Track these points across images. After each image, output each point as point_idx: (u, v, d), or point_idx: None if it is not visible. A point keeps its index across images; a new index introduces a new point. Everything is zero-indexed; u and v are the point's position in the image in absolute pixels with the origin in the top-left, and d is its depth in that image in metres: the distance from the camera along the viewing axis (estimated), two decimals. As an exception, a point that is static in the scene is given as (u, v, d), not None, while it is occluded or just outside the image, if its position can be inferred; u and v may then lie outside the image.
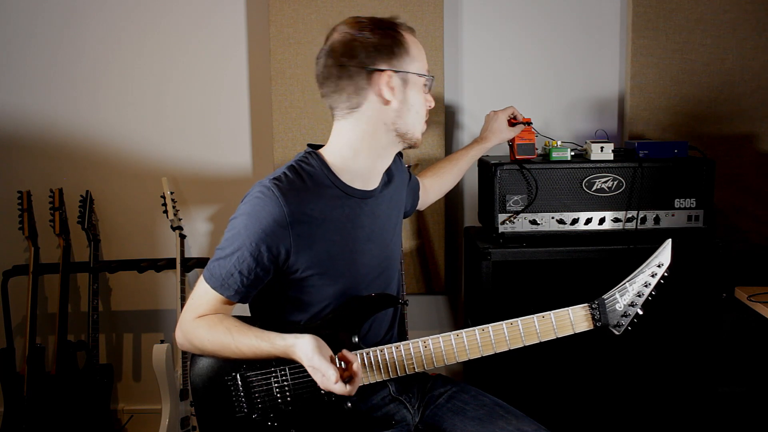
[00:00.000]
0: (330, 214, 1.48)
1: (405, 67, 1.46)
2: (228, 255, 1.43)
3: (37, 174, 2.70)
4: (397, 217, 1.69)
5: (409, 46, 1.47)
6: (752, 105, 2.54)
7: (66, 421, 2.53)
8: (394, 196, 1.66)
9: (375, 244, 1.56)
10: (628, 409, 2.25)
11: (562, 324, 1.48)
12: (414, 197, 1.91)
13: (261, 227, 1.41)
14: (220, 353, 1.45)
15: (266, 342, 1.41)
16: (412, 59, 1.47)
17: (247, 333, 1.43)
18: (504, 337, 1.47)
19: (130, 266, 2.61)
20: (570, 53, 2.62)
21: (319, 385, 1.37)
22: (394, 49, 1.44)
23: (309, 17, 2.53)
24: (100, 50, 2.65)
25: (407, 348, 1.47)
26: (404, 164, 1.79)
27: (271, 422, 1.46)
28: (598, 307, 1.47)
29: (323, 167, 1.50)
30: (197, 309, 1.48)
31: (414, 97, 1.48)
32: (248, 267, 1.42)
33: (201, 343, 1.45)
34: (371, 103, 1.46)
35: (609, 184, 2.20)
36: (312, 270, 1.47)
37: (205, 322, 1.45)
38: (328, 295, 1.50)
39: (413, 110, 1.49)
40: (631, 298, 1.47)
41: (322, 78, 1.47)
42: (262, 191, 1.43)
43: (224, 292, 1.44)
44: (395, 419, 1.56)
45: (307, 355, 1.36)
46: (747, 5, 2.50)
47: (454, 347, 1.47)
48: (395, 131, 1.49)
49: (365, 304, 1.52)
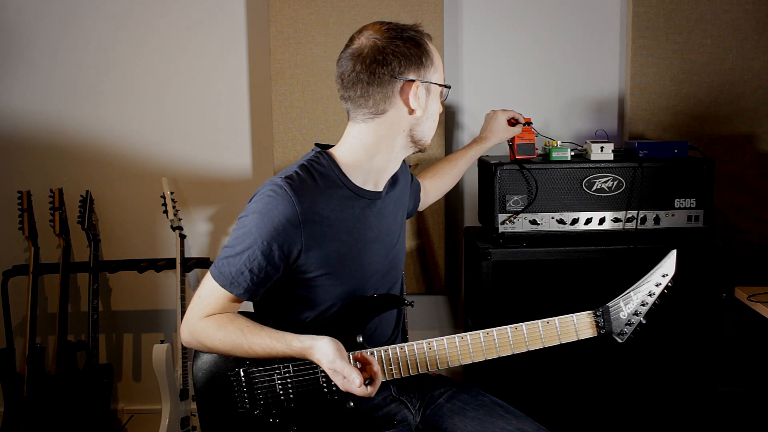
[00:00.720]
0: (340, 215, 1.48)
1: (430, 78, 1.48)
2: (238, 253, 1.42)
3: (37, 174, 2.70)
4: (402, 218, 1.70)
5: (434, 57, 1.50)
6: (752, 105, 2.54)
7: (66, 421, 2.54)
8: (400, 197, 1.67)
9: (382, 245, 1.57)
10: (628, 409, 2.25)
11: (566, 330, 1.49)
12: (415, 199, 1.91)
13: (273, 225, 1.40)
14: (231, 352, 1.44)
15: (281, 343, 1.41)
16: (436, 69, 1.50)
17: (260, 333, 1.43)
18: (508, 342, 1.47)
19: (130, 266, 2.61)
20: (570, 53, 2.62)
21: (340, 388, 1.38)
22: (423, 60, 1.46)
23: (309, 17, 2.53)
24: (101, 50, 2.65)
25: (411, 349, 1.48)
26: (407, 165, 1.79)
27: (273, 419, 1.46)
28: (602, 314, 1.47)
29: (334, 167, 1.50)
30: (205, 308, 1.47)
31: (433, 105, 1.52)
32: (259, 265, 1.42)
33: (212, 343, 1.44)
34: (397, 110, 1.47)
35: (609, 184, 2.20)
36: (321, 270, 1.47)
37: (215, 321, 1.45)
38: (335, 295, 1.51)
39: (431, 118, 1.52)
40: (635, 307, 1.48)
41: (348, 82, 1.46)
42: (275, 189, 1.43)
43: (233, 290, 1.44)
44: (396, 419, 1.56)
45: (328, 358, 1.36)
46: (747, 5, 2.51)
47: (458, 350, 1.47)
48: (411, 137, 1.51)
49: (370, 305, 1.52)
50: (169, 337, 2.76)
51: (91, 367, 2.57)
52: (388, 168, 1.55)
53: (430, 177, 2.06)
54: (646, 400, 2.25)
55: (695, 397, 2.25)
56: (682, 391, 2.25)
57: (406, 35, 1.45)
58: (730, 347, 2.53)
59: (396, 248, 1.63)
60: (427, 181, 2.03)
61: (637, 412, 2.25)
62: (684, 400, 2.25)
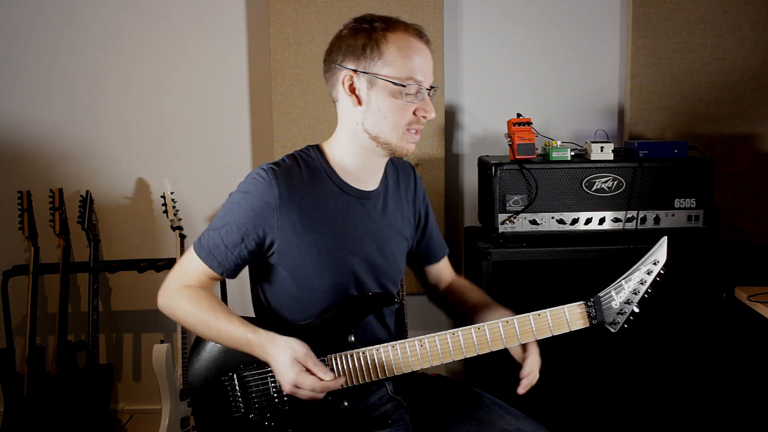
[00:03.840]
0: (323, 206, 1.49)
1: (373, 70, 1.43)
2: (217, 228, 1.47)
3: (37, 174, 2.70)
4: (401, 228, 1.63)
5: (386, 50, 1.43)
6: (752, 105, 2.54)
7: (66, 421, 2.53)
8: (398, 207, 1.63)
9: (368, 246, 1.55)
10: (628, 409, 2.25)
11: (558, 322, 1.48)
12: (427, 244, 1.75)
13: (251, 206, 1.45)
14: (197, 328, 1.47)
15: (241, 331, 1.44)
16: (385, 63, 1.43)
17: (230, 318, 1.45)
18: (500, 335, 1.46)
19: (130, 266, 2.61)
20: (570, 53, 2.62)
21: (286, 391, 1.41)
22: (366, 51, 1.44)
23: (309, 17, 2.53)
24: (100, 50, 2.65)
25: (403, 347, 1.47)
26: (419, 186, 1.71)
27: (269, 422, 1.46)
28: (593, 304, 1.46)
29: (322, 160, 1.53)
30: (184, 277, 1.51)
31: (380, 101, 1.44)
32: (234, 241, 1.46)
33: (183, 314, 1.48)
34: (343, 100, 1.49)
35: (609, 184, 2.20)
36: (299, 259, 1.48)
37: (191, 294, 1.48)
38: (315, 288, 1.51)
39: (380, 115, 1.45)
40: (627, 296, 1.47)
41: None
42: (260, 173, 1.47)
43: (209, 262, 1.48)
44: (392, 419, 1.55)
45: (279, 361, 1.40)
46: (747, 5, 2.51)
47: (450, 346, 1.46)
48: (368, 134, 1.47)
49: (360, 304, 1.52)
50: (169, 337, 2.76)
51: (91, 367, 2.57)
52: (366, 165, 1.53)
53: (453, 287, 1.81)
54: (647, 400, 2.25)
55: (695, 397, 2.25)
56: (682, 391, 2.25)
57: (363, 26, 1.46)
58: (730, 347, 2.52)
59: (386, 253, 1.58)
60: (444, 283, 1.81)
61: (638, 412, 2.25)
62: (684, 400, 2.25)
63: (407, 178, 1.68)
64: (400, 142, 1.47)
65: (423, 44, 1.47)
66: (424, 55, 1.46)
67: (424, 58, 1.46)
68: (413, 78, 1.44)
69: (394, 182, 1.63)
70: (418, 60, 1.45)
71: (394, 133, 1.46)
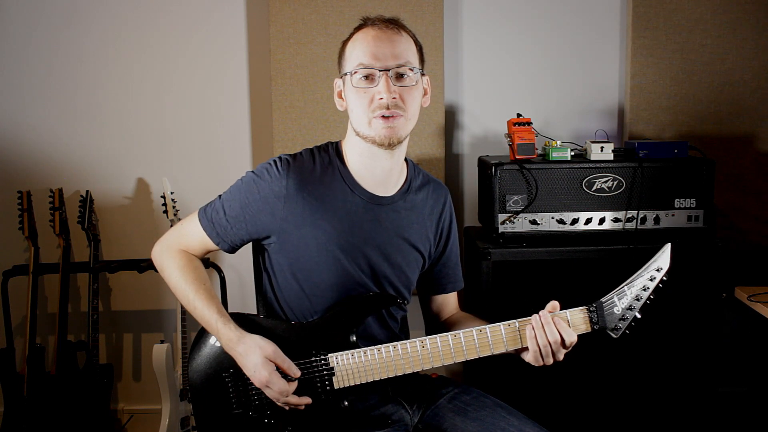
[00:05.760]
0: (329, 204, 1.52)
1: (342, 71, 1.53)
2: (224, 200, 1.56)
3: (37, 174, 2.70)
4: (417, 243, 1.62)
5: (347, 49, 1.52)
6: (752, 105, 2.54)
7: (66, 421, 2.53)
8: (419, 222, 1.62)
9: (371, 250, 1.55)
10: (628, 410, 2.25)
11: None
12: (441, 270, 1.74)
13: (258, 190, 1.52)
14: (176, 294, 1.54)
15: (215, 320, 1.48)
16: (346, 60, 1.52)
17: (209, 302, 1.49)
18: (501, 338, 1.46)
19: (130, 266, 2.61)
20: (570, 53, 2.62)
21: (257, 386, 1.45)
22: (340, 56, 1.55)
23: (309, 17, 2.53)
24: (100, 49, 2.65)
25: (404, 347, 1.47)
26: (447, 209, 1.69)
27: (268, 419, 1.46)
28: (596, 310, 1.46)
29: (338, 159, 1.57)
30: (182, 238, 1.59)
31: (349, 97, 1.52)
32: (236, 216, 1.53)
33: (169, 276, 1.55)
34: (341, 105, 1.57)
35: (609, 184, 2.20)
36: (298, 251, 1.52)
37: (183, 262, 1.55)
38: (316, 284, 1.53)
39: (352, 111, 1.52)
40: (629, 302, 1.47)
41: None
42: (276, 161, 1.54)
43: (209, 231, 1.54)
44: (392, 419, 1.56)
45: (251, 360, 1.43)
46: (747, 5, 2.50)
47: (452, 347, 1.46)
48: (355, 132, 1.53)
49: (363, 303, 1.52)
50: (169, 337, 2.76)
51: (91, 367, 2.57)
52: (375, 170, 1.54)
53: (450, 319, 1.78)
54: (647, 400, 2.25)
55: (695, 397, 2.25)
56: (682, 391, 2.25)
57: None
58: (730, 347, 2.53)
59: (391, 261, 1.58)
60: (447, 314, 1.79)
61: (638, 412, 2.25)
62: (684, 400, 2.25)
63: (438, 198, 1.67)
64: (369, 130, 1.48)
65: (378, 30, 1.47)
66: (377, 38, 1.46)
67: (375, 41, 1.46)
68: (361, 63, 1.46)
69: (423, 198, 1.63)
70: (366, 45, 1.47)
71: (363, 123, 1.49)
